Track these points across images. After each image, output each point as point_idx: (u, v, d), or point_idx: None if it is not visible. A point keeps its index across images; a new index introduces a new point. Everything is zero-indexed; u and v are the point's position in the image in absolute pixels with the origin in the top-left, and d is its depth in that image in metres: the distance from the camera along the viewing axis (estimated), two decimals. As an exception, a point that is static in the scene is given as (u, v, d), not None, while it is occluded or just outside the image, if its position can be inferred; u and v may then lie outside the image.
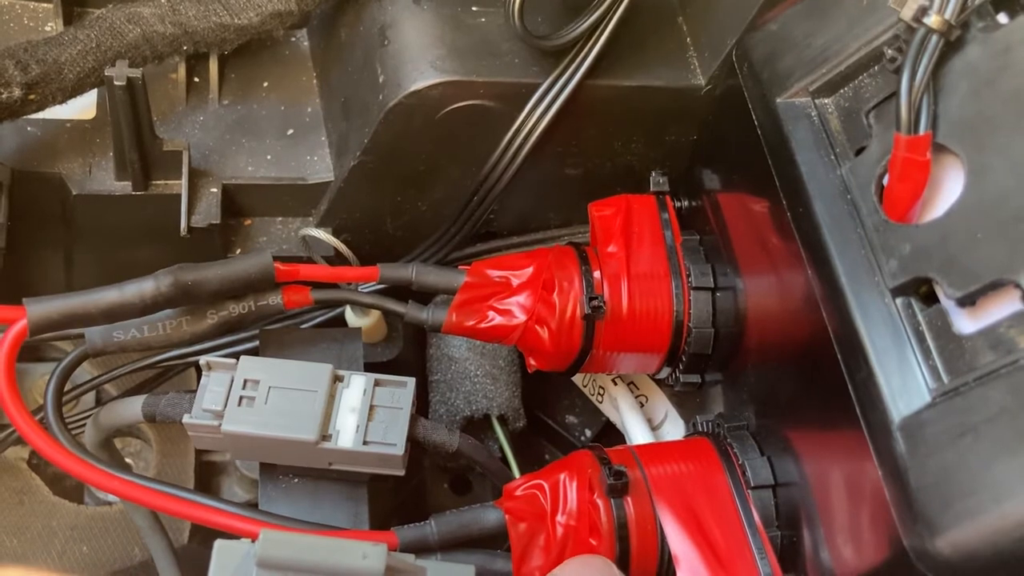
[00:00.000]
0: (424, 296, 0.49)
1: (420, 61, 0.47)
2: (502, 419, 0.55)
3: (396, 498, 0.55)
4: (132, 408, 0.45)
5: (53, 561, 0.57)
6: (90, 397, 0.58)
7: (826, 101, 0.41)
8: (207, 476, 0.62)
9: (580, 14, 0.47)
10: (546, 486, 0.44)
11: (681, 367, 0.49)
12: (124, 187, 0.51)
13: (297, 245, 0.53)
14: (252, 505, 0.44)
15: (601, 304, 0.47)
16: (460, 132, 0.49)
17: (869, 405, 0.36)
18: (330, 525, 0.44)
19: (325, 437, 0.42)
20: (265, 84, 0.56)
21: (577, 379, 0.57)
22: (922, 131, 0.36)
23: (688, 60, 0.50)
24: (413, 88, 0.47)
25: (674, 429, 0.54)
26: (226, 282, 0.44)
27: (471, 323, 0.47)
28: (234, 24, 0.50)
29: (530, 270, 0.48)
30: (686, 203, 0.51)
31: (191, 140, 0.52)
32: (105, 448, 0.49)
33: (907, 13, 0.37)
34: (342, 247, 0.51)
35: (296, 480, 0.45)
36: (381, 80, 0.48)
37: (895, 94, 0.37)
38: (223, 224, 0.52)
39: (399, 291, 0.49)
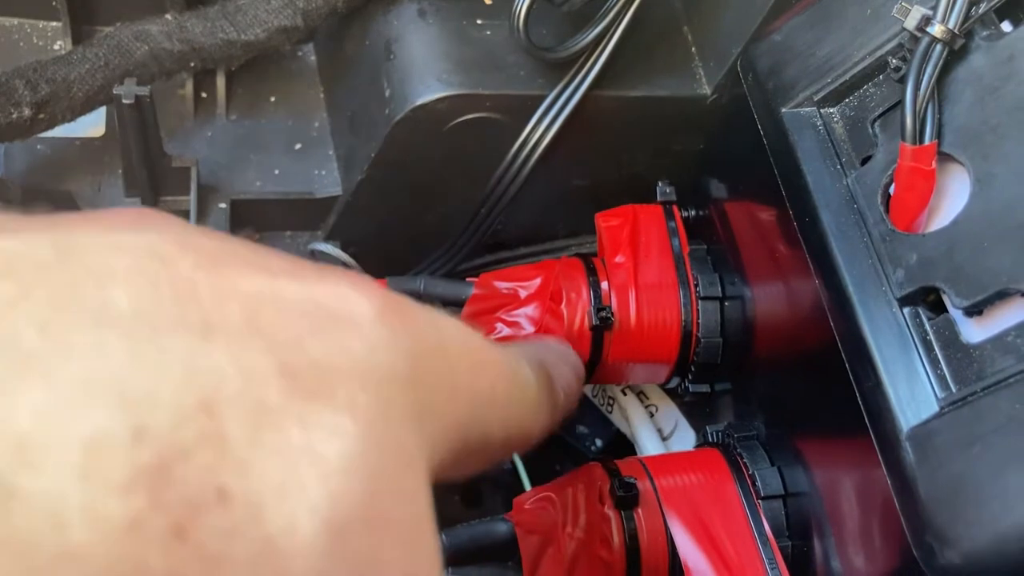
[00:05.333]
0: (433, 309, 0.49)
1: (426, 75, 0.47)
2: (512, 430, 0.55)
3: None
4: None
5: None
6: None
7: (831, 110, 0.41)
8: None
9: (585, 26, 0.47)
10: (556, 499, 0.44)
11: (690, 377, 0.49)
12: (133, 203, 0.51)
13: (306, 259, 0.53)
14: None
15: (609, 315, 0.47)
16: (467, 145, 0.49)
17: (877, 415, 0.36)
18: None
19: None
20: (272, 99, 0.56)
21: (587, 389, 0.57)
22: (927, 140, 0.36)
23: (693, 70, 0.50)
24: (420, 102, 0.47)
25: (684, 439, 0.54)
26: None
27: (480, 335, 0.47)
28: (241, 40, 0.50)
29: (538, 281, 0.48)
30: (693, 212, 0.51)
31: (199, 155, 0.53)
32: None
33: (911, 22, 0.37)
34: (350, 261, 0.51)
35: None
36: (388, 94, 0.48)
37: (900, 103, 0.37)
38: (232, 239, 0.52)
39: (408, 304, 0.49)
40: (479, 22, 0.49)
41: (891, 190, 0.38)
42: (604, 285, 0.48)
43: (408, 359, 0.22)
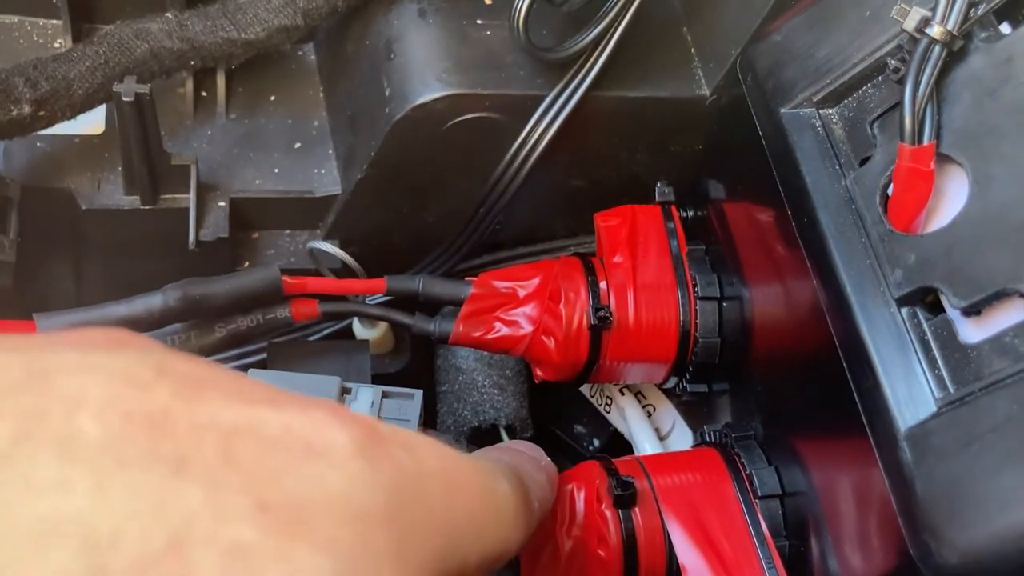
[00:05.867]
0: (431, 307, 0.49)
1: (426, 74, 0.47)
2: (510, 429, 0.55)
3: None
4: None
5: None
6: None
7: (830, 111, 0.41)
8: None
9: (585, 26, 0.47)
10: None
11: (688, 377, 0.49)
12: (133, 201, 0.51)
13: (304, 258, 0.53)
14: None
15: (607, 315, 0.47)
16: (466, 144, 0.49)
17: (875, 415, 0.36)
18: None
19: (334, 449, 0.42)
20: (272, 98, 0.56)
21: (584, 389, 0.58)
22: (926, 141, 0.36)
23: (693, 71, 0.50)
24: (419, 101, 0.47)
25: (682, 438, 0.54)
26: (234, 296, 0.44)
27: (478, 334, 0.47)
28: (241, 39, 0.50)
29: (536, 281, 0.48)
30: (692, 213, 0.51)
31: (199, 154, 0.53)
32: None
33: (910, 24, 0.37)
34: (349, 260, 0.51)
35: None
36: (387, 93, 0.48)
37: (899, 104, 0.37)
38: (231, 237, 0.52)
39: (406, 302, 0.49)
40: (479, 22, 0.49)
41: (890, 191, 0.38)
42: (603, 285, 0.48)
43: (387, 493, 0.21)
